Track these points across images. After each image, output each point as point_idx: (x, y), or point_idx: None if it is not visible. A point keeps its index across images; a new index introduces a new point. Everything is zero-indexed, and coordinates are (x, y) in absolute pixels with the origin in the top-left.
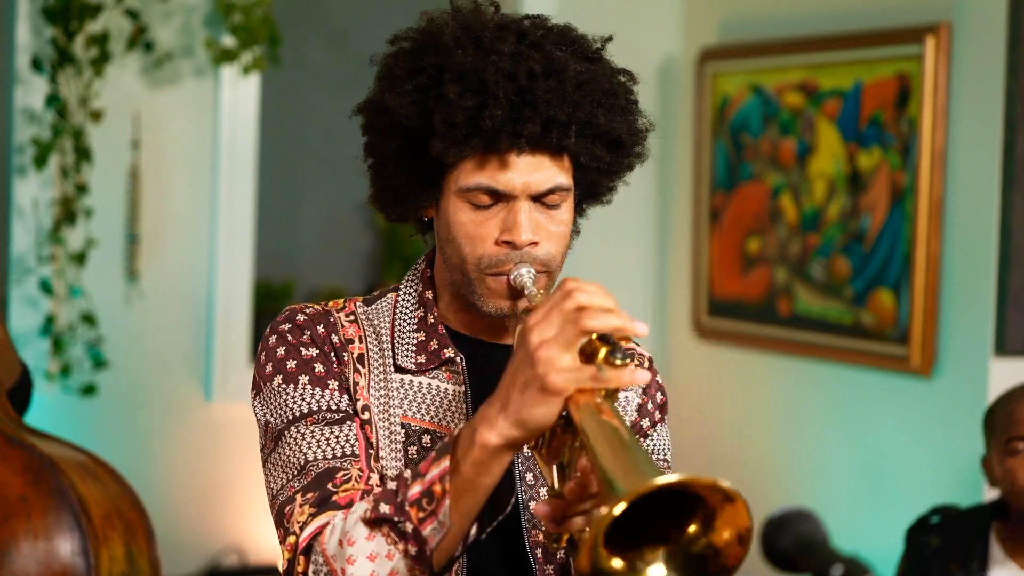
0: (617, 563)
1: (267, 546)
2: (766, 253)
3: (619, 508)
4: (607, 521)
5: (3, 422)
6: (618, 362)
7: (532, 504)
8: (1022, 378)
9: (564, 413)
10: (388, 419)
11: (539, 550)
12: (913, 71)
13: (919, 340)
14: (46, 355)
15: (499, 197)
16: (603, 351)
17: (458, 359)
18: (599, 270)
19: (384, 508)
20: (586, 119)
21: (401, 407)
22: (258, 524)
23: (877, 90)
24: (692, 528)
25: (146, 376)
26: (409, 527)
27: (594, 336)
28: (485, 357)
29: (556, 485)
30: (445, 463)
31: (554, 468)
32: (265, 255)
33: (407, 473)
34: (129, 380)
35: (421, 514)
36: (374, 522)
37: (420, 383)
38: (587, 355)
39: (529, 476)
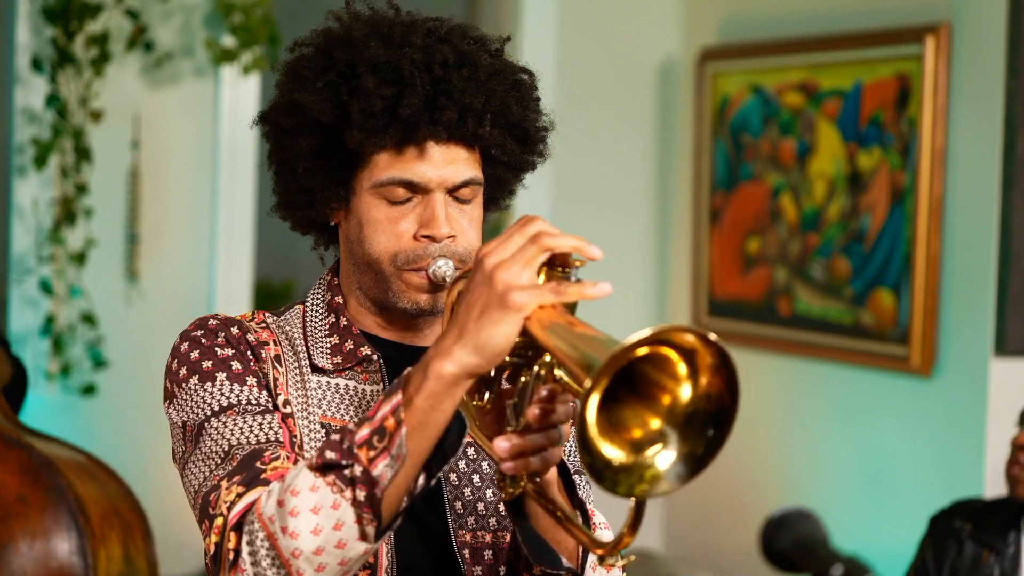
0: (616, 453)
1: None
2: (766, 253)
3: (598, 377)
4: (594, 386)
5: (1, 423)
6: (573, 280)
7: (458, 500)
8: (1022, 378)
9: (514, 357)
10: (308, 418)
11: (466, 551)
12: (913, 71)
13: (919, 340)
14: (46, 355)
15: (415, 191)
16: (559, 273)
17: (375, 357)
18: (599, 270)
19: (330, 455)
20: (500, 108)
21: (320, 407)
22: None
23: (877, 90)
24: (668, 396)
25: (146, 376)
26: (358, 470)
27: (544, 271)
28: (401, 358)
29: (510, 427)
30: (397, 398)
31: (507, 409)
32: (265, 255)
33: (351, 424)
34: (129, 380)
35: (372, 452)
36: (319, 468)
37: (338, 384)
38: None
39: (453, 477)
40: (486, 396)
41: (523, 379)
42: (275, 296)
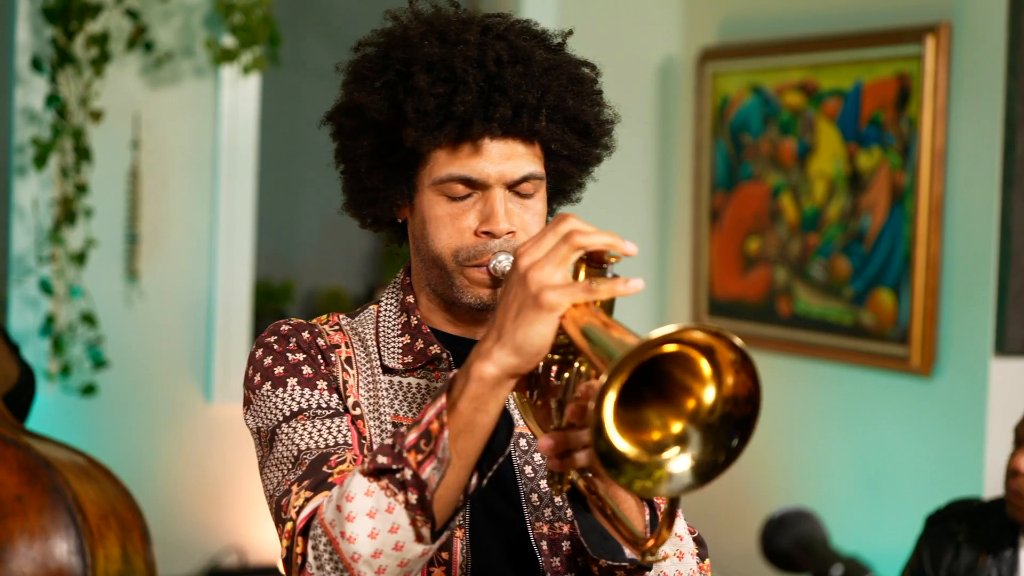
0: (632, 451)
1: (267, 546)
2: (766, 253)
3: (617, 369)
4: (611, 381)
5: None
6: (609, 276)
7: (534, 493)
8: (1022, 378)
9: (556, 355)
10: (379, 418)
11: (544, 542)
12: (913, 71)
13: (919, 340)
14: (46, 355)
15: (474, 187)
16: (596, 270)
17: (444, 355)
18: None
19: (381, 459)
20: (555, 103)
21: (392, 407)
22: (258, 524)
23: (877, 90)
24: (692, 400)
25: (146, 376)
26: (408, 474)
27: (583, 268)
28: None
29: (554, 424)
30: (441, 401)
31: (552, 406)
32: (265, 255)
33: (403, 428)
34: (129, 380)
35: (419, 456)
36: (371, 473)
37: (409, 383)
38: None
39: (528, 469)
40: (535, 393)
41: (566, 375)
42: (275, 296)
